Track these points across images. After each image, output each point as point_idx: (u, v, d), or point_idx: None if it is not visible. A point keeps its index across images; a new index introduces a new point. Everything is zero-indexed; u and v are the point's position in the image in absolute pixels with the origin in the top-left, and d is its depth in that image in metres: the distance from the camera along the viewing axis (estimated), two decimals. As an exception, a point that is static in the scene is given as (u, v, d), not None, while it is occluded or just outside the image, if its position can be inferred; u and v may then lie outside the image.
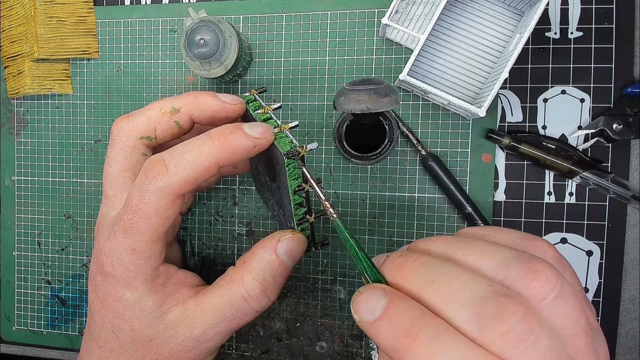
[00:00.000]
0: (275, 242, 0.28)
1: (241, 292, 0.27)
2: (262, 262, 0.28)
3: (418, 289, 0.17)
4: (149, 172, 0.25)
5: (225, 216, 0.39)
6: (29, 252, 0.42)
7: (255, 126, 0.26)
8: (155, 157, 0.25)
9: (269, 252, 0.28)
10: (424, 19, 0.34)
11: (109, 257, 0.26)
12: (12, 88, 0.41)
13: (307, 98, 0.37)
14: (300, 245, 0.28)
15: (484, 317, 0.15)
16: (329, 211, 0.24)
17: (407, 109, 0.35)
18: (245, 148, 0.25)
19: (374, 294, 0.18)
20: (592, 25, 0.33)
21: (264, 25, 0.37)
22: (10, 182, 0.43)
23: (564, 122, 0.34)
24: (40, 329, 0.42)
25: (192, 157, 0.25)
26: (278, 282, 0.28)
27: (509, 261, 0.17)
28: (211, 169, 0.25)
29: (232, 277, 0.28)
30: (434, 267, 0.18)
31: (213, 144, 0.25)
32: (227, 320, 0.27)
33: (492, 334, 0.15)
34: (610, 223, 0.33)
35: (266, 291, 0.28)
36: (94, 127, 0.41)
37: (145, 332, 0.27)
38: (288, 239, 0.28)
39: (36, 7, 0.39)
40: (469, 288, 0.16)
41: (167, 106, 0.29)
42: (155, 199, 0.25)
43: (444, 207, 0.35)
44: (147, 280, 0.27)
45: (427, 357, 0.15)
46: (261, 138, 0.26)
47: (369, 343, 0.36)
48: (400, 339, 0.16)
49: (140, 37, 0.40)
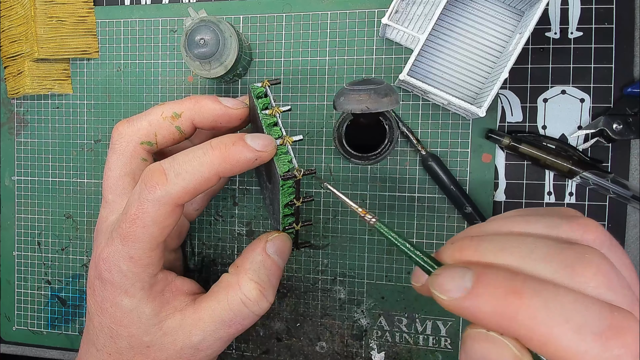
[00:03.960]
0: (264, 242, 0.28)
1: (239, 296, 0.27)
2: (255, 263, 0.28)
3: (490, 260, 0.17)
4: (148, 181, 0.25)
5: (225, 216, 0.39)
6: (29, 252, 0.42)
7: (257, 138, 0.25)
8: (154, 166, 0.25)
9: (259, 254, 0.28)
10: (424, 19, 0.34)
11: (107, 264, 0.26)
12: (12, 88, 0.41)
13: (307, 98, 0.37)
14: (287, 243, 0.29)
15: (569, 264, 0.15)
16: (366, 218, 0.23)
17: (407, 109, 0.35)
18: (246, 160, 0.25)
19: (455, 271, 0.17)
20: (592, 25, 0.33)
21: (264, 25, 0.37)
22: (10, 182, 0.43)
23: (564, 122, 0.34)
24: (40, 329, 0.42)
25: (192, 168, 0.24)
26: (273, 282, 0.28)
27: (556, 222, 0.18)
28: (212, 180, 0.25)
29: (228, 282, 0.28)
30: (496, 239, 0.17)
31: (214, 155, 0.25)
32: (225, 326, 0.27)
33: (583, 277, 0.15)
34: (610, 223, 0.33)
35: (264, 292, 0.27)
36: (94, 127, 0.41)
37: (144, 339, 0.27)
38: (275, 238, 0.29)
39: (36, 7, 0.39)
40: (541, 245, 0.16)
41: (168, 111, 0.28)
42: (154, 208, 0.24)
43: (444, 207, 0.35)
44: (145, 288, 0.26)
45: (540, 309, 0.15)
46: (263, 151, 0.25)
47: (369, 343, 0.36)
48: (506, 300, 0.15)
49: (140, 37, 0.40)
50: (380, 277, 0.36)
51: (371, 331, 0.36)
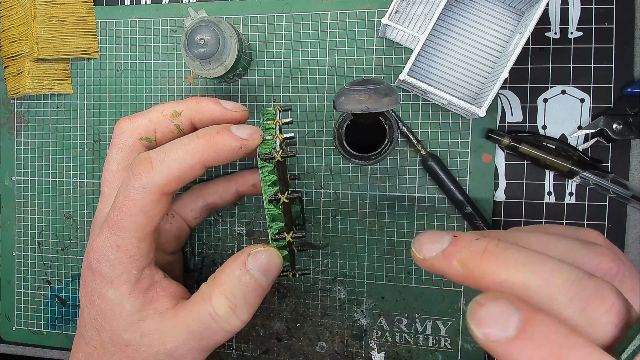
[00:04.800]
0: (245, 256, 0.26)
1: (208, 310, 0.26)
2: (231, 278, 0.26)
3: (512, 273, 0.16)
4: (134, 169, 0.25)
5: (225, 216, 0.39)
6: (29, 252, 0.42)
7: (243, 128, 0.26)
8: (142, 155, 0.26)
9: (238, 267, 0.26)
10: (424, 19, 0.34)
11: (96, 254, 0.26)
12: (12, 88, 0.41)
13: (307, 98, 0.37)
14: (272, 260, 0.26)
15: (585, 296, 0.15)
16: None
17: (407, 109, 0.35)
18: (231, 148, 0.25)
19: (501, 305, 0.15)
20: (592, 25, 0.33)
21: (264, 25, 0.37)
22: (10, 182, 0.43)
23: (564, 122, 0.34)
24: (40, 329, 0.42)
25: (177, 155, 0.25)
26: (250, 300, 0.26)
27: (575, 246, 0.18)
28: (196, 168, 0.25)
29: (202, 293, 0.27)
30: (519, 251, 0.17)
31: (199, 143, 0.25)
32: (197, 338, 0.26)
33: (597, 312, 0.15)
34: (610, 223, 0.33)
35: (235, 309, 0.26)
36: (94, 127, 0.41)
37: (123, 336, 0.27)
38: (257, 252, 0.26)
39: (36, 7, 0.39)
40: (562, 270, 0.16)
41: (169, 109, 0.29)
42: (140, 196, 0.25)
43: (444, 207, 0.35)
44: (130, 281, 0.26)
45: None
46: (248, 139, 0.26)
47: (369, 343, 0.36)
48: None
49: (140, 37, 0.40)
50: (380, 277, 0.36)
51: (371, 331, 0.36)
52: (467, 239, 0.17)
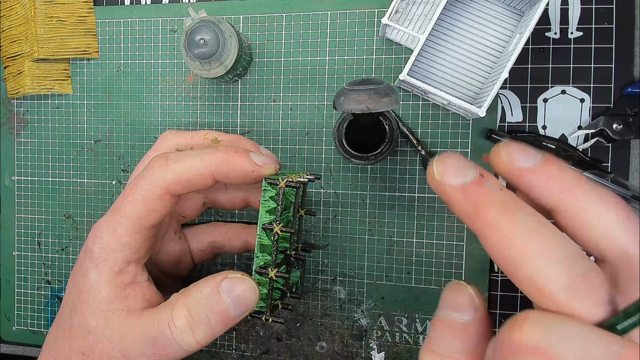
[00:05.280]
0: (221, 278, 0.26)
1: (167, 317, 0.25)
2: (200, 294, 0.25)
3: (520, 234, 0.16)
4: (151, 163, 0.27)
5: (225, 216, 0.39)
6: (29, 252, 0.42)
7: (261, 156, 0.27)
8: (163, 153, 0.27)
9: (210, 286, 0.25)
10: (424, 19, 0.34)
11: (94, 232, 0.27)
12: (12, 88, 0.41)
13: (307, 98, 0.37)
14: (248, 292, 0.25)
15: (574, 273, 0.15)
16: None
17: (407, 109, 0.35)
18: (243, 170, 0.26)
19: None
20: (592, 25, 0.33)
21: (264, 25, 0.37)
22: (10, 182, 0.43)
23: (564, 122, 0.34)
24: (40, 329, 0.42)
25: (192, 160, 0.26)
26: (212, 323, 0.25)
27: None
28: (205, 176, 0.26)
29: (169, 301, 0.27)
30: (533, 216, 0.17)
31: (215, 155, 0.26)
32: (150, 344, 0.26)
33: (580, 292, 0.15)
34: (610, 223, 0.33)
35: (193, 326, 0.25)
36: (94, 127, 0.41)
37: (89, 321, 0.27)
38: (235, 279, 0.26)
39: (36, 7, 0.39)
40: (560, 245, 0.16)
41: (211, 135, 0.31)
42: (146, 187, 0.26)
43: (444, 207, 0.35)
44: (113, 269, 0.27)
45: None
46: (262, 167, 0.27)
47: (369, 343, 0.36)
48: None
49: (140, 37, 0.40)
50: (380, 277, 0.36)
51: (371, 331, 0.36)
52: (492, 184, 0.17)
